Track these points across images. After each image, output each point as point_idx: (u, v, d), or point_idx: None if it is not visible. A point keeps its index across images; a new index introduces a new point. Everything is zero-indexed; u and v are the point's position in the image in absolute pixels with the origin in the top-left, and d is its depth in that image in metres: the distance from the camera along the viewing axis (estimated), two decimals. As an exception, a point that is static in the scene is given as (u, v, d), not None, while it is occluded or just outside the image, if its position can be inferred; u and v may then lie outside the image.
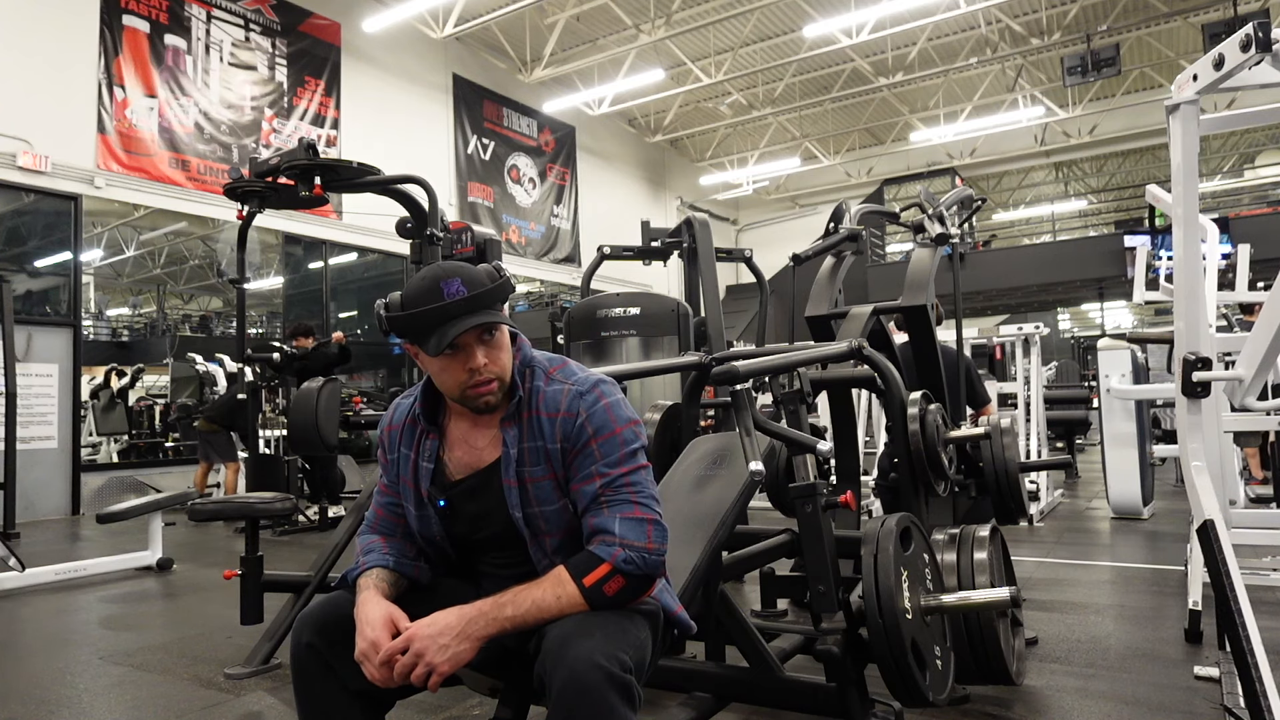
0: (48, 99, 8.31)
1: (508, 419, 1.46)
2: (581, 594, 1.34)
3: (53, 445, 8.00)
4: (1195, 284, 2.06)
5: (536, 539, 1.45)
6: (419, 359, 1.44)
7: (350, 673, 1.37)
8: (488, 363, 1.40)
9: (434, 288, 1.38)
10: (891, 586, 1.77)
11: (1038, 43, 13.20)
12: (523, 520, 1.44)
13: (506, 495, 1.44)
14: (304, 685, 1.42)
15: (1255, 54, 1.73)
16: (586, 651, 1.23)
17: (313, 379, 3.76)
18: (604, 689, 1.21)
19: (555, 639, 1.28)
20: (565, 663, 1.23)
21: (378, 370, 13.39)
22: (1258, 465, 7.01)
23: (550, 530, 1.45)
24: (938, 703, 1.85)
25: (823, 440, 1.94)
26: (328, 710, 1.41)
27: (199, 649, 3.29)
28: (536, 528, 1.45)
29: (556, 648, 1.26)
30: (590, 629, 1.29)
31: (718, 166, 18.61)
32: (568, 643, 1.26)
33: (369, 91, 11.63)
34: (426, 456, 1.50)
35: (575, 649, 1.24)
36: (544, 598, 1.34)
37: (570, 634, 1.28)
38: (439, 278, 1.39)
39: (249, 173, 3.58)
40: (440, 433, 1.52)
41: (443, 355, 1.39)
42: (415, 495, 1.50)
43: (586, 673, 1.21)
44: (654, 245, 5.17)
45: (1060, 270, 15.73)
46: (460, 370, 1.40)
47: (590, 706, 1.21)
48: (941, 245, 3.56)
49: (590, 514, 1.40)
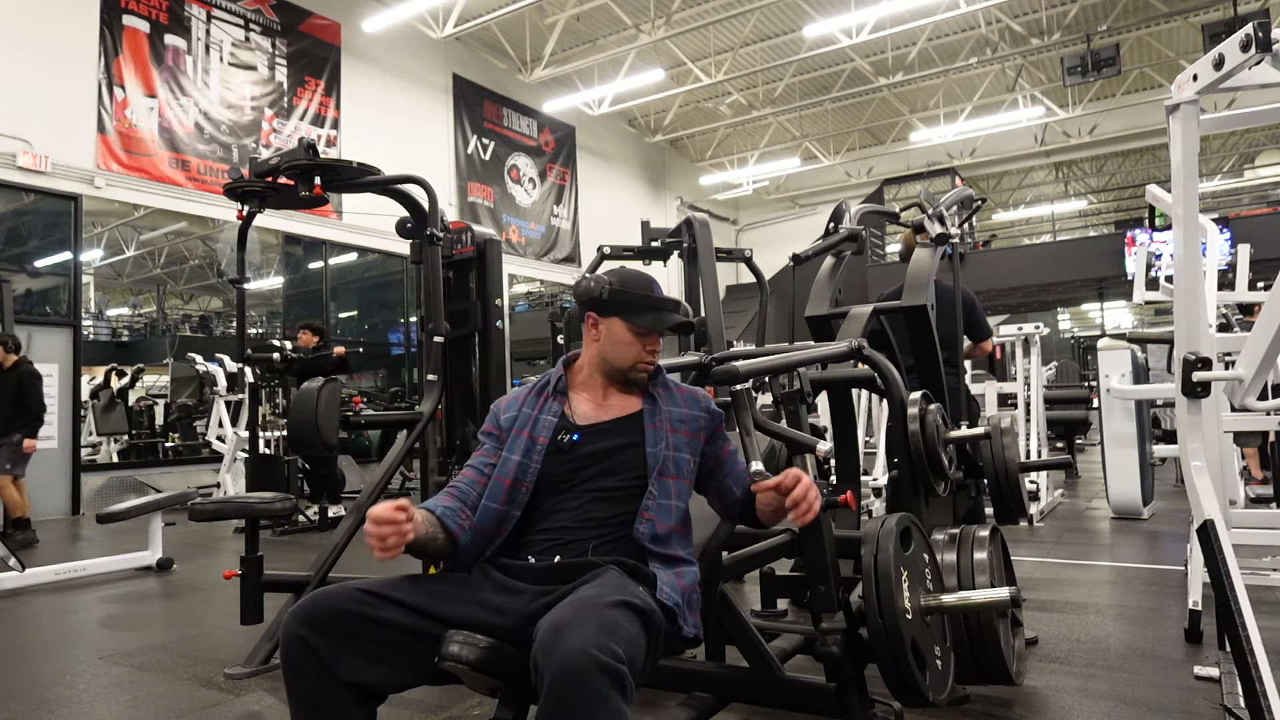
0: (48, 99, 8.31)
1: (648, 393, 1.80)
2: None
3: (53, 445, 7.99)
4: (1195, 284, 2.05)
5: (661, 477, 1.68)
6: (598, 328, 1.78)
7: (341, 664, 1.39)
8: (656, 350, 1.79)
9: (650, 283, 1.79)
10: (891, 586, 1.77)
11: (1038, 43, 13.19)
12: (654, 456, 1.69)
13: (647, 436, 1.72)
14: (294, 678, 1.42)
15: (1255, 54, 1.73)
16: (579, 640, 1.25)
17: (313, 379, 3.75)
18: (596, 676, 1.23)
19: (549, 628, 1.30)
20: (558, 650, 1.25)
21: (378, 370, 13.39)
22: (1257, 465, 7.00)
23: (672, 473, 1.69)
24: (938, 703, 1.85)
25: (823, 440, 1.94)
26: (319, 703, 1.41)
27: (199, 649, 3.29)
28: (665, 468, 1.69)
29: (550, 636, 1.28)
30: (585, 619, 1.31)
31: (718, 166, 18.61)
32: (561, 631, 1.28)
33: (369, 91, 11.62)
34: (551, 413, 1.76)
35: (569, 637, 1.26)
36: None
37: (564, 623, 1.30)
38: (650, 280, 1.80)
39: (249, 173, 3.57)
40: (565, 398, 1.81)
41: (637, 333, 1.75)
42: (527, 443, 1.72)
43: (578, 660, 1.23)
44: (654, 245, 5.16)
45: (1060, 270, 15.73)
46: (642, 349, 1.76)
47: (582, 694, 1.22)
48: (941, 245, 3.56)
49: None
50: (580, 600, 1.39)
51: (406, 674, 1.46)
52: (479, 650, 1.43)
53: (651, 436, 1.72)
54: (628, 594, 1.44)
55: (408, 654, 1.45)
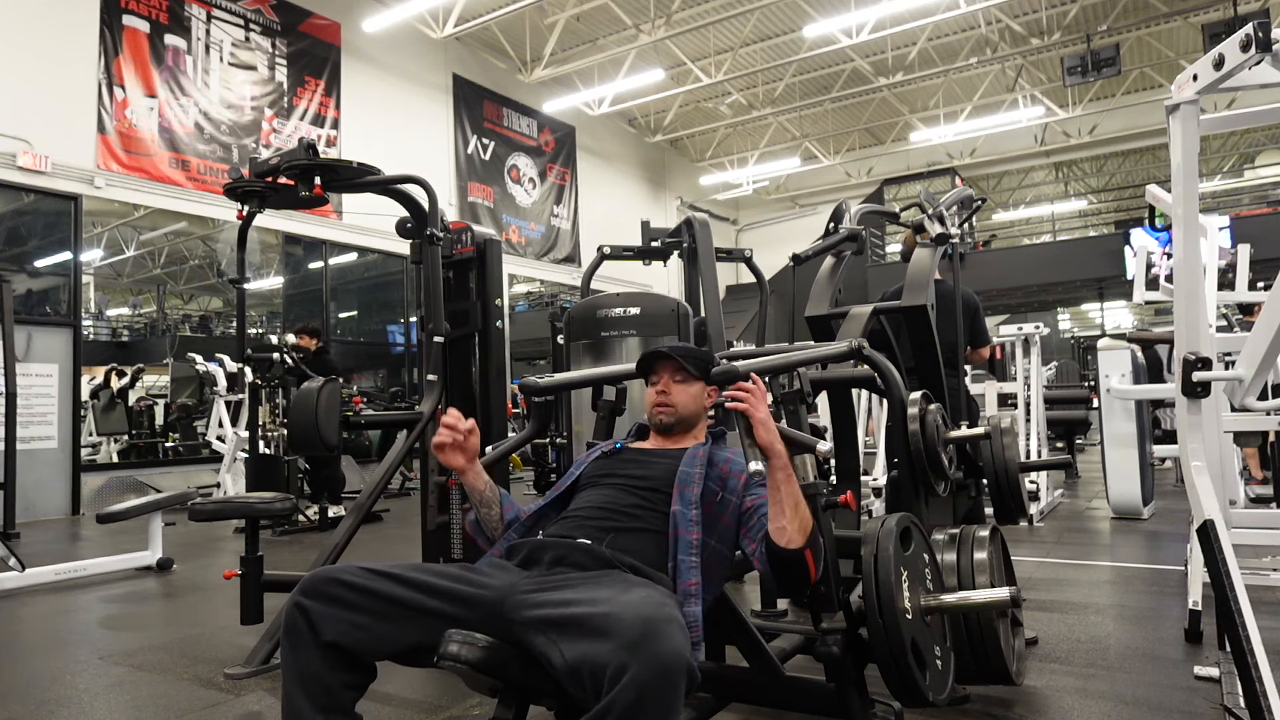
0: (48, 99, 8.31)
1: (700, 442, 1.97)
2: (809, 521, 1.64)
3: (53, 445, 8.00)
4: (1195, 284, 2.05)
5: (683, 490, 1.77)
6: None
7: (326, 625, 1.44)
8: (663, 393, 1.99)
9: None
10: (891, 586, 1.77)
11: (1038, 43, 13.19)
12: (684, 474, 1.81)
13: (684, 459, 1.85)
14: (287, 645, 1.47)
15: (1255, 54, 1.73)
16: (678, 645, 1.28)
17: (312, 379, 3.75)
18: (683, 681, 1.27)
19: (634, 622, 1.29)
20: (657, 645, 1.26)
21: (378, 370, 13.38)
22: (1257, 465, 7.00)
23: (694, 489, 1.77)
24: (938, 703, 1.85)
25: (823, 440, 1.94)
26: (304, 671, 1.46)
27: (199, 649, 3.29)
28: (687, 484, 1.78)
29: (640, 632, 1.27)
30: (671, 616, 1.33)
31: (718, 166, 18.61)
32: (656, 629, 1.28)
33: (369, 91, 11.62)
34: (610, 448, 2.03)
35: (666, 640, 1.27)
36: (798, 493, 1.65)
37: (654, 620, 1.30)
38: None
39: (249, 173, 3.57)
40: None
41: (650, 383, 2.02)
42: (581, 464, 1.99)
43: (675, 664, 1.26)
44: (654, 245, 5.16)
45: (1060, 270, 15.73)
46: (654, 394, 2.01)
47: (668, 692, 1.26)
48: (941, 245, 3.56)
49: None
50: (649, 597, 1.39)
51: (386, 641, 1.49)
52: (479, 650, 1.43)
53: (688, 459, 1.86)
54: (673, 602, 1.49)
55: (390, 623, 1.48)
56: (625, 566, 1.62)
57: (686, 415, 1.99)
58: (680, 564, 1.67)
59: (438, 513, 3.62)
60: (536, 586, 1.53)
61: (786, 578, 1.72)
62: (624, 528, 1.74)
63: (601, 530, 1.72)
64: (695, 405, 2.00)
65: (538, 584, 1.54)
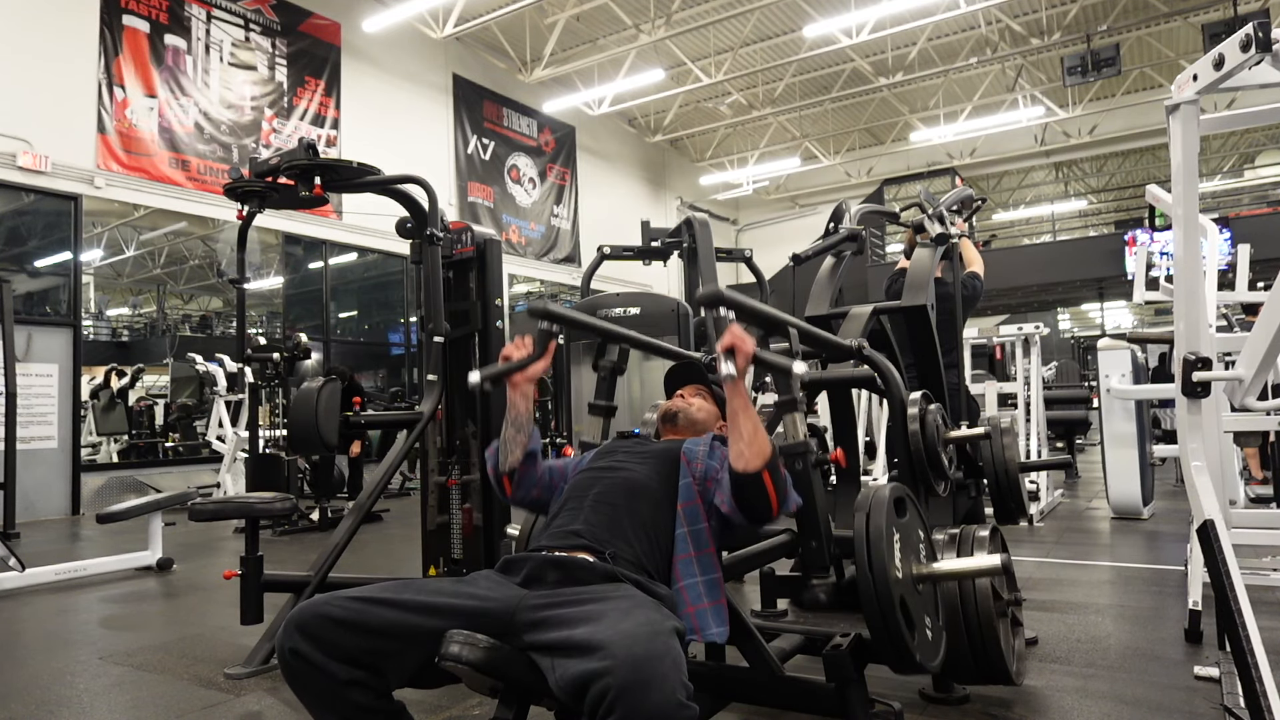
0: (48, 99, 8.31)
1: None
2: (767, 447, 1.67)
3: (53, 445, 8.00)
4: (1195, 284, 2.05)
5: (691, 464, 1.88)
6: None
7: (336, 668, 1.42)
8: (683, 395, 2.26)
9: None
10: (882, 540, 1.77)
11: (1038, 43, 13.19)
12: (686, 449, 1.93)
13: (686, 440, 2.00)
14: (297, 686, 1.47)
15: (1255, 54, 1.73)
16: (673, 689, 1.24)
17: (312, 379, 3.75)
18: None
19: (631, 656, 1.25)
20: (653, 696, 1.22)
21: (378, 370, 13.38)
22: (1258, 465, 7.00)
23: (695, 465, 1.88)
24: (929, 669, 1.84)
25: (798, 361, 1.88)
26: (328, 701, 1.46)
27: (199, 649, 3.29)
28: (693, 458, 1.89)
29: (630, 672, 1.23)
30: (663, 652, 1.28)
31: (718, 166, 18.61)
32: (651, 664, 1.24)
33: (369, 91, 11.62)
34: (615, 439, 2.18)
35: (661, 686, 1.23)
36: (756, 420, 1.68)
37: (648, 655, 1.26)
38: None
39: (249, 173, 3.57)
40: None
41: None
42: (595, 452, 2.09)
43: (675, 713, 1.23)
44: (654, 245, 5.17)
45: (1060, 270, 15.74)
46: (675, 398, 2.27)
47: None
48: (941, 245, 3.56)
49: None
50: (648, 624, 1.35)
51: (395, 674, 1.49)
52: (479, 650, 1.43)
53: (693, 440, 2.00)
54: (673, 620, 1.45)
55: (397, 658, 1.47)
56: (628, 580, 1.61)
57: (696, 420, 2.15)
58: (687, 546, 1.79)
59: (438, 513, 3.62)
60: (543, 603, 1.51)
61: (748, 506, 1.72)
62: (621, 522, 1.77)
63: (609, 506, 1.79)
64: (706, 418, 2.17)
65: (545, 600, 1.52)
